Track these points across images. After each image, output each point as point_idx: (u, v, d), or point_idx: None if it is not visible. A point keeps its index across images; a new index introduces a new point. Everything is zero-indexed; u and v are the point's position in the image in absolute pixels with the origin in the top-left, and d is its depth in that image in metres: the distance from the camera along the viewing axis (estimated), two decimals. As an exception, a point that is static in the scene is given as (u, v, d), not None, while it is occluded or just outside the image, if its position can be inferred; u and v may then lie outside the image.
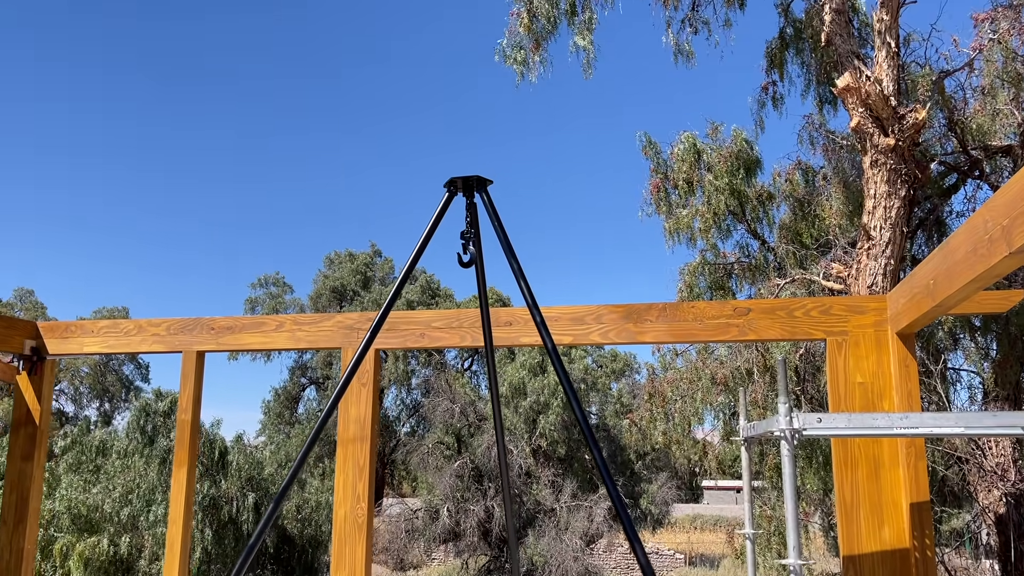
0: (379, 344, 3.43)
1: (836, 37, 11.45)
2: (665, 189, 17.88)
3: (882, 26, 10.92)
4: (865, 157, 10.73)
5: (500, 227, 2.26)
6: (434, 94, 62.28)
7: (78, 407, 44.75)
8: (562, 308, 3.36)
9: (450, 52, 61.30)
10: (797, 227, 14.66)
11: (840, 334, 3.12)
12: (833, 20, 11.51)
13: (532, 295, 2.19)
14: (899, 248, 10.51)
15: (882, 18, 10.93)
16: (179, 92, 56.41)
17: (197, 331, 3.74)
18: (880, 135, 10.53)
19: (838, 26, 11.49)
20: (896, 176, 10.49)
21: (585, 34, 13.33)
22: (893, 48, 10.84)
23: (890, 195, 10.51)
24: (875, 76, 10.63)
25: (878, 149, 10.53)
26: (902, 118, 10.55)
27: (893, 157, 10.47)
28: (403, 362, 37.18)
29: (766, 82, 14.66)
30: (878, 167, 10.56)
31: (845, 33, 11.47)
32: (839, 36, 11.44)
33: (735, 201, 16.70)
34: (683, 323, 3.25)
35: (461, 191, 2.39)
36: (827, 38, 11.57)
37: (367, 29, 58.33)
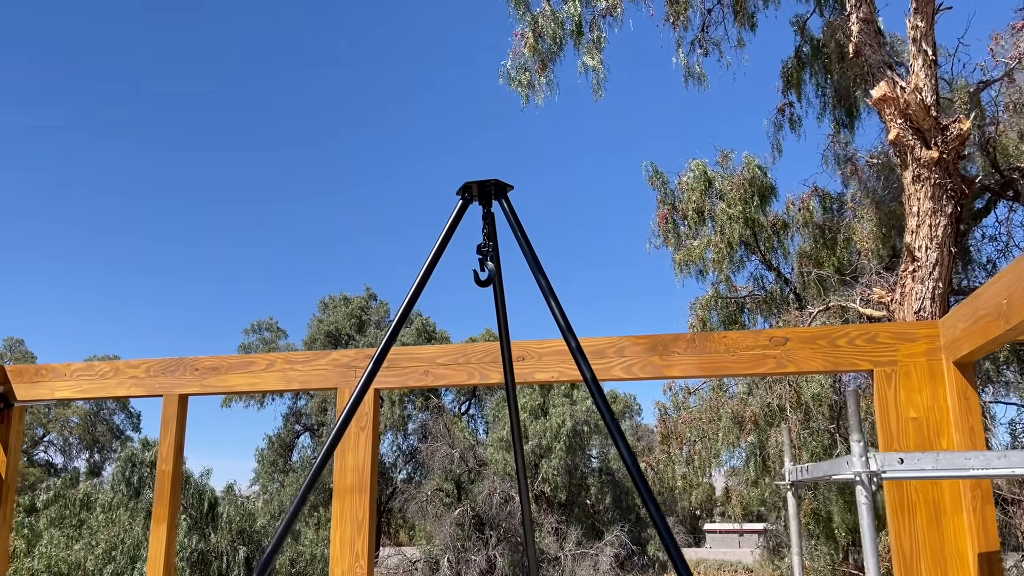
0: (379, 383, 3.18)
1: (865, 48, 10.53)
2: (673, 220, 16.90)
3: (917, 33, 10.00)
4: (906, 172, 9.73)
5: (524, 238, 1.97)
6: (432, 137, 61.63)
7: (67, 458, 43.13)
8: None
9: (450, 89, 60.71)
10: (818, 255, 13.64)
11: (888, 364, 2.84)
12: (861, 30, 10.59)
13: (565, 317, 1.86)
14: (947, 270, 9.47)
15: (916, 25, 10.01)
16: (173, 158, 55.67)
17: (180, 372, 3.47)
18: (922, 147, 9.55)
19: (867, 36, 10.57)
20: (941, 191, 9.49)
21: (594, 53, 12.42)
22: (930, 56, 9.90)
23: (935, 212, 9.50)
24: (913, 85, 9.67)
25: (920, 163, 9.54)
26: (945, 129, 9.58)
27: (937, 171, 9.48)
28: (399, 406, 35.88)
29: (782, 103, 13.75)
30: (921, 182, 9.56)
31: (875, 43, 10.55)
32: (868, 46, 10.52)
33: (748, 231, 15.71)
34: (714, 355, 2.97)
35: (477, 198, 2.10)
36: (855, 49, 10.64)
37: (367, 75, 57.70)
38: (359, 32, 56.89)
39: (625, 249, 55.54)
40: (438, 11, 54.67)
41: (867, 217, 11.68)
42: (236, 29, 55.47)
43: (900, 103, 9.62)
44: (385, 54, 56.46)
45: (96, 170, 54.20)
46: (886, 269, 11.45)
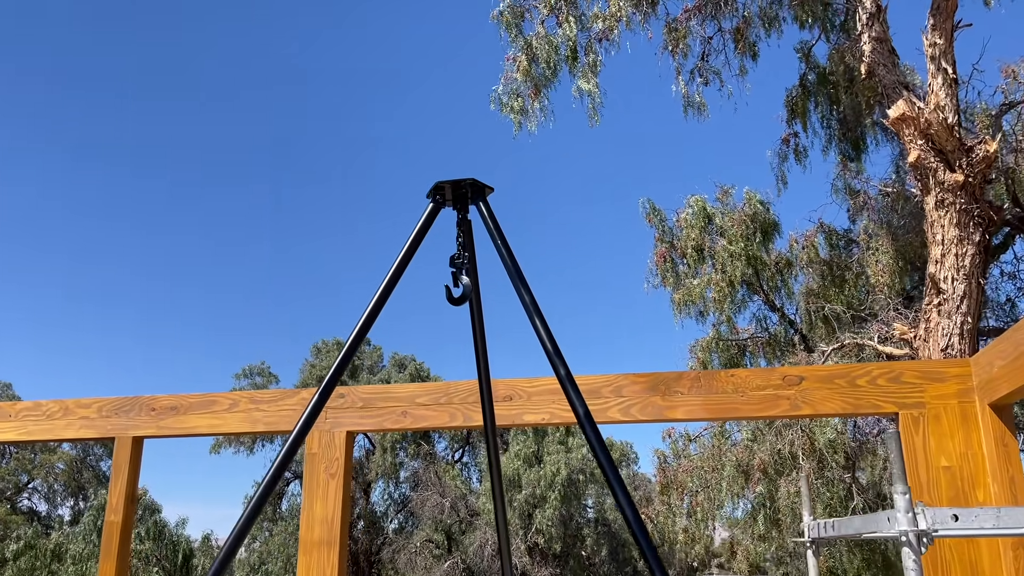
0: (353, 425, 2.96)
1: (879, 68, 9.71)
2: (671, 259, 16.00)
3: (935, 51, 9.18)
4: (928, 197, 8.83)
5: (506, 248, 1.73)
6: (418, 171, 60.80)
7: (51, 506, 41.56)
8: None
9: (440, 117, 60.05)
10: (826, 293, 12.67)
11: (915, 407, 2.58)
12: (874, 50, 9.79)
13: (553, 340, 1.58)
14: (976, 303, 8.52)
15: (934, 42, 9.20)
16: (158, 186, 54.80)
17: (135, 412, 3.22)
18: (945, 170, 8.66)
19: (880, 56, 9.77)
20: (967, 217, 8.58)
21: (590, 77, 11.60)
22: (951, 74, 9.08)
23: (961, 240, 8.57)
24: (934, 104, 8.82)
25: (944, 187, 8.64)
26: (970, 151, 8.71)
27: (962, 196, 8.58)
28: (391, 453, 34.62)
29: (787, 134, 12.93)
30: (945, 207, 8.65)
31: (889, 63, 9.73)
32: (882, 67, 9.70)
33: (750, 269, 14.79)
34: (721, 395, 2.70)
35: (450, 202, 1.85)
36: (868, 69, 9.83)
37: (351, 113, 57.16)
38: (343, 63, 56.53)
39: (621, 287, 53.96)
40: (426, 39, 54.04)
41: (882, 249, 10.77)
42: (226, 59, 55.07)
43: (921, 123, 8.76)
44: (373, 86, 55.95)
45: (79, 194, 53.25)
46: (904, 305, 10.50)
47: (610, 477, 1.38)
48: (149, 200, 50.98)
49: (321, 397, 1.62)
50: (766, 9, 13.12)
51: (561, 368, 1.59)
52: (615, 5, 11.45)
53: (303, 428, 1.58)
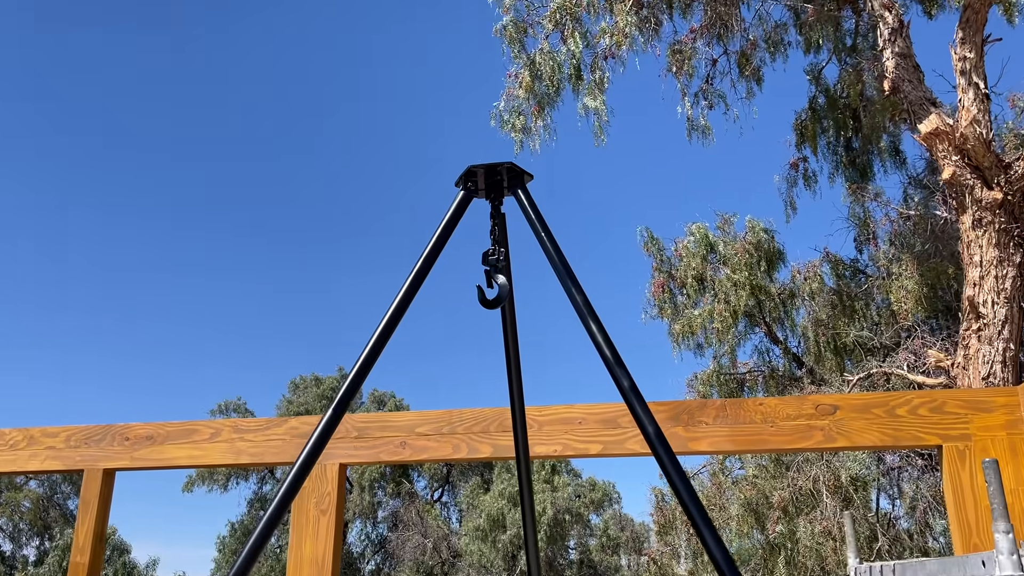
0: (347, 457, 2.69)
1: (904, 84, 9.17)
2: (670, 289, 15.34)
3: (966, 64, 8.65)
4: (964, 216, 8.23)
5: (552, 243, 1.52)
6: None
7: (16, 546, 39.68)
8: (587, 407, 2.61)
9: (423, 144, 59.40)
10: (836, 322, 12.02)
11: (960, 439, 2.36)
12: (898, 65, 9.26)
13: (613, 347, 1.39)
14: (1019, 328, 7.88)
15: (964, 56, 8.67)
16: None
17: (106, 442, 2.94)
18: (982, 188, 8.08)
19: (905, 72, 9.24)
20: (1007, 237, 7.98)
21: (596, 94, 10.99)
22: (982, 89, 8.54)
23: (1001, 261, 7.95)
24: (972, 117, 8.26)
25: (981, 205, 8.04)
26: (1008, 167, 8.13)
27: (1002, 214, 7.98)
28: (369, 492, 33.41)
29: (795, 158, 12.38)
30: (983, 227, 8.05)
31: (914, 79, 9.20)
32: (907, 82, 9.16)
33: (753, 300, 14.15)
34: (749, 426, 2.49)
35: (483, 192, 1.66)
36: (892, 85, 9.28)
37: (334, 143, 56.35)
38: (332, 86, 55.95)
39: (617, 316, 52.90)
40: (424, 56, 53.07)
41: (906, 275, 10.17)
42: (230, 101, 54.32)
43: (955, 138, 8.18)
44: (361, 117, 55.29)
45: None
46: (933, 332, 9.86)
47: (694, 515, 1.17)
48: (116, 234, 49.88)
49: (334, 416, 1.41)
50: (771, 33, 12.66)
51: (624, 379, 1.38)
52: (623, 20, 10.89)
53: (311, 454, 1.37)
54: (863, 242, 13.17)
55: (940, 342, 9.25)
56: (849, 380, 9.85)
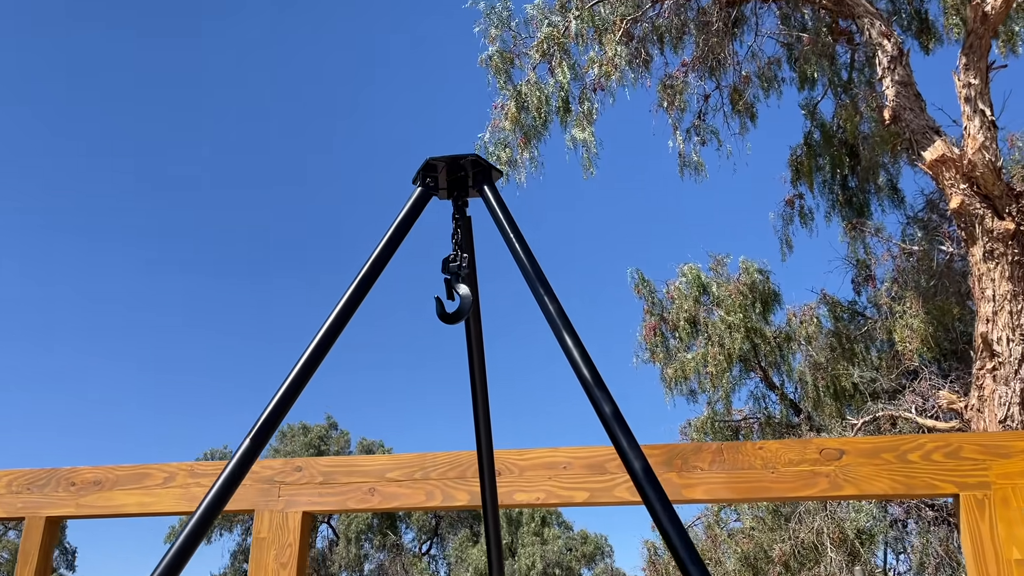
0: (311, 504, 2.49)
1: (906, 112, 8.69)
2: (662, 333, 14.73)
3: (971, 91, 8.18)
4: (974, 248, 7.67)
5: (523, 248, 1.40)
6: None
7: (-9, 599, 38.17)
8: (572, 451, 2.42)
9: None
10: (835, 366, 11.41)
11: (979, 487, 2.18)
12: (899, 93, 8.80)
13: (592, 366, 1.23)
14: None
15: (969, 82, 8.21)
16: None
17: (51, 487, 2.74)
18: (993, 218, 7.54)
19: (906, 100, 8.77)
20: (1021, 270, 7.41)
21: (585, 126, 10.50)
22: (989, 116, 8.05)
23: (1016, 296, 7.38)
24: (979, 144, 7.75)
25: (993, 236, 7.49)
26: (1019, 196, 7.61)
27: (1015, 245, 7.43)
28: (355, 544, 32.32)
29: (791, 195, 11.88)
30: (995, 259, 7.48)
31: (916, 107, 8.73)
32: (909, 111, 8.69)
33: (748, 344, 13.54)
34: (748, 471, 2.29)
35: (443, 191, 1.53)
36: (892, 114, 8.81)
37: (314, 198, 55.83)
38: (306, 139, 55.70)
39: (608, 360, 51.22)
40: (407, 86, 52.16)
41: (910, 313, 9.59)
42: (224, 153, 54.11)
43: (963, 165, 7.67)
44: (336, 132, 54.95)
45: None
46: (940, 373, 9.24)
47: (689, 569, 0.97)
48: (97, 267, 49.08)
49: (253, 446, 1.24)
50: (764, 69, 12.27)
51: (605, 404, 1.18)
52: (611, 50, 10.47)
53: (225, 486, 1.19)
54: (861, 283, 12.62)
55: (949, 384, 8.65)
56: (853, 424, 9.20)
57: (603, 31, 10.85)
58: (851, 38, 11.25)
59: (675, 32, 11.83)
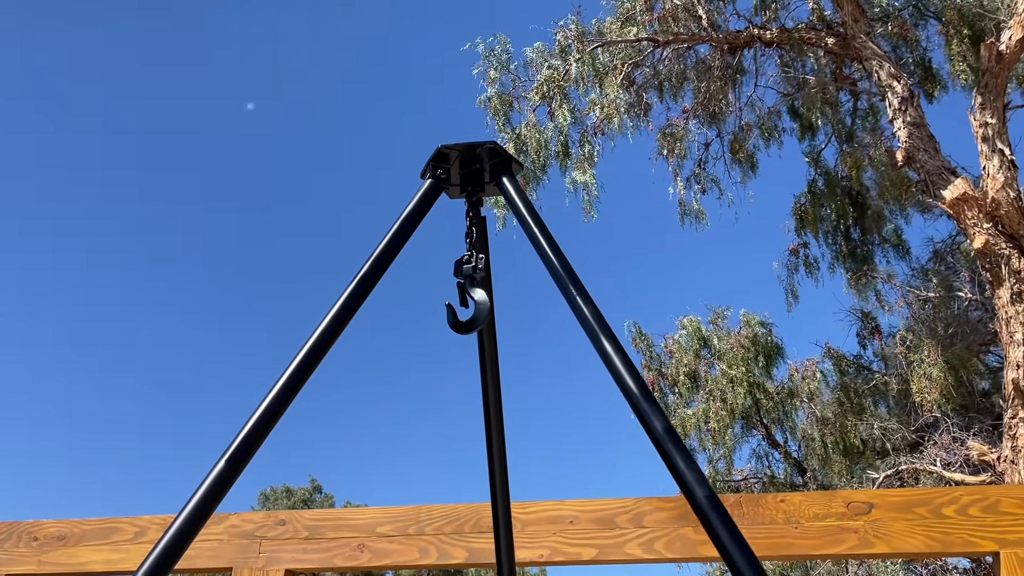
0: (294, 561, 2.35)
1: (919, 153, 8.39)
2: (660, 388, 14.19)
3: (988, 131, 7.89)
4: (1000, 290, 7.26)
5: (551, 247, 1.29)
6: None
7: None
8: (579, 504, 2.27)
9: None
10: (843, 421, 10.90)
11: (1021, 544, 2.01)
12: (911, 135, 8.52)
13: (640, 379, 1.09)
14: (1073, 415, 6.79)
15: (986, 121, 7.93)
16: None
17: (11, 542, 2.57)
18: (1020, 258, 7.15)
19: (919, 140, 8.48)
20: (1052, 313, 7.00)
21: (586, 168, 10.16)
22: (1008, 156, 7.75)
23: (1047, 339, 6.95)
24: (1001, 183, 7.42)
25: (1020, 277, 7.10)
26: (1045, 236, 7.24)
27: (1044, 287, 7.03)
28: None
29: (795, 245, 11.52)
30: (1023, 302, 7.07)
31: (930, 148, 8.43)
32: (923, 151, 8.39)
33: (750, 399, 13.03)
34: (770, 527, 2.13)
35: (456, 187, 1.41)
36: (906, 156, 8.50)
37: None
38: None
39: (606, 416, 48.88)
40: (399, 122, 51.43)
41: (928, 362, 9.14)
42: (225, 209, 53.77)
43: (986, 204, 7.31)
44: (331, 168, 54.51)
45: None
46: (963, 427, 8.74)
47: None
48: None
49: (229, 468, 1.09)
50: (764, 119, 12.04)
51: (656, 421, 1.02)
52: (613, 92, 10.19)
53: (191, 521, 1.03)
54: (867, 336, 12.19)
55: (972, 436, 8.16)
56: (873, 479, 8.66)
57: (604, 75, 10.60)
58: (854, 85, 11.06)
59: (675, 80, 11.61)
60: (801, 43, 9.99)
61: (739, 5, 11.09)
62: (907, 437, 9.30)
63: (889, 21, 9.96)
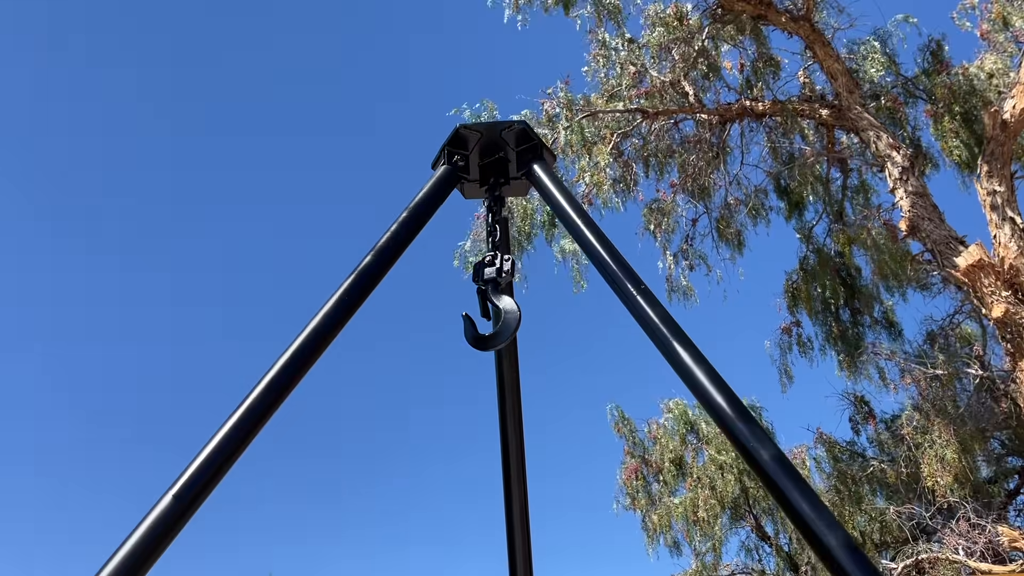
0: None
1: (924, 222, 8.04)
2: (643, 477, 13.40)
3: (996, 199, 7.57)
4: (1022, 362, 6.76)
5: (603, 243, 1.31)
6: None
7: None
8: None
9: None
10: (840, 511, 10.21)
11: None
12: (915, 204, 8.17)
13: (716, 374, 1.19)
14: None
15: (994, 189, 7.61)
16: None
17: None
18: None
19: (923, 210, 8.13)
20: (1080, 386, 6.49)
21: (574, 236, 9.67)
22: (1019, 223, 7.39)
23: (1076, 414, 6.42)
24: (1019, 250, 7.02)
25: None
26: (1066, 306, 6.80)
27: (1070, 358, 6.55)
28: None
29: (787, 324, 11.04)
30: (1048, 374, 6.57)
31: (935, 217, 8.09)
32: (927, 221, 8.03)
33: (738, 489, 12.29)
34: None
35: (476, 183, 1.46)
36: (910, 225, 8.14)
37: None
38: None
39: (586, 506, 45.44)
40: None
41: (940, 442, 8.52)
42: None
43: (1004, 271, 6.88)
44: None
45: None
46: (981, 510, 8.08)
47: None
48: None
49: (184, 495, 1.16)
50: (751, 198, 11.74)
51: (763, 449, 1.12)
52: (603, 160, 9.83)
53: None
54: (860, 421, 11.62)
55: (990, 522, 7.52)
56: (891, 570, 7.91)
57: (592, 144, 10.27)
58: (844, 163, 10.83)
59: (661, 155, 11.32)
60: (794, 114, 9.76)
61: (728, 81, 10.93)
62: (922, 524, 8.61)
63: (882, 96, 9.78)
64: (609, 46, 11.11)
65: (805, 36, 9.41)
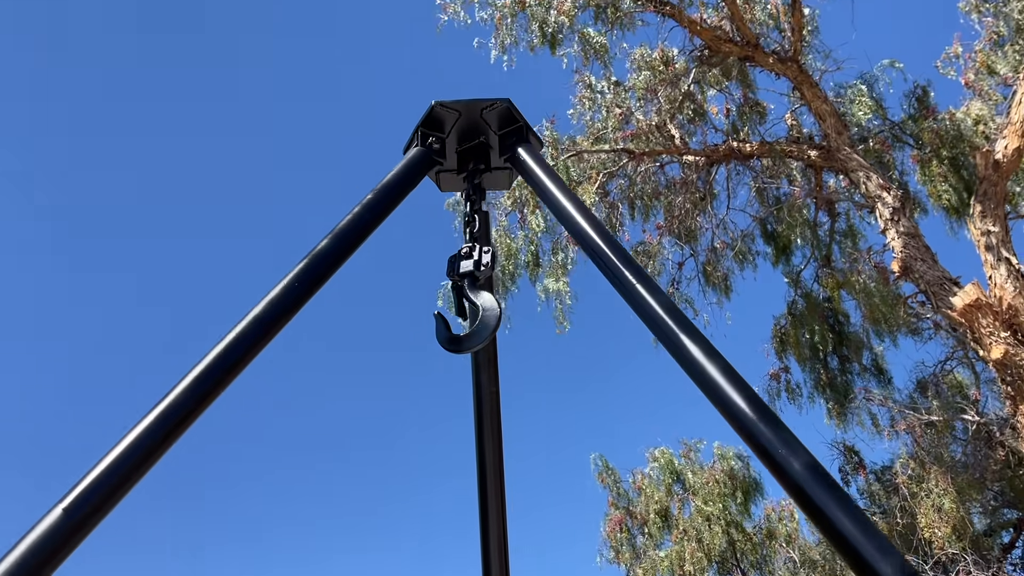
0: None
1: (916, 263, 7.83)
2: (628, 528, 12.96)
3: (991, 239, 7.38)
4: (1023, 406, 6.48)
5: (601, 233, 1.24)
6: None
7: None
8: None
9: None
10: (832, 565, 9.82)
11: None
12: (907, 244, 7.98)
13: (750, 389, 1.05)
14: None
15: (988, 230, 7.43)
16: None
17: None
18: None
19: (915, 251, 7.93)
20: (1085, 430, 6.21)
21: (559, 275, 9.40)
22: (1015, 264, 7.19)
23: (1084, 460, 6.13)
24: (1017, 290, 6.80)
25: (1047, 389, 6.35)
26: (1069, 347, 6.56)
27: (1074, 402, 6.28)
28: None
29: (775, 370, 10.76)
30: (1052, 418, 6.29)
31: (928, 258, 7.88)
32: (920, 262, 7.82)
33: (726, 540, 11.86)
34: None
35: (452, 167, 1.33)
36: (903, 266, 7.93)
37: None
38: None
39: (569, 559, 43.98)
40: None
41: (936, 491, 8.17)
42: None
43: (1002, 311, 6.65)
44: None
45: None
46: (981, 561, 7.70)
47: None
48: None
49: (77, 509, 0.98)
50: (737, 242, 11.56)
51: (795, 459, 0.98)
52: (589, 199, 9.61)
53: None
54: (850, 472, 11.27)
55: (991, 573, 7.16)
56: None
57: (578, 184, 10.06)
58: (832, 205, 10.68)
59: (647, 198, 11.14)
60: (782, 155, 9.61)
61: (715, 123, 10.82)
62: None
63: (869, 139, 9.67)
64: (595, 89, 11.00)
65: (793, 77, 9.31)
